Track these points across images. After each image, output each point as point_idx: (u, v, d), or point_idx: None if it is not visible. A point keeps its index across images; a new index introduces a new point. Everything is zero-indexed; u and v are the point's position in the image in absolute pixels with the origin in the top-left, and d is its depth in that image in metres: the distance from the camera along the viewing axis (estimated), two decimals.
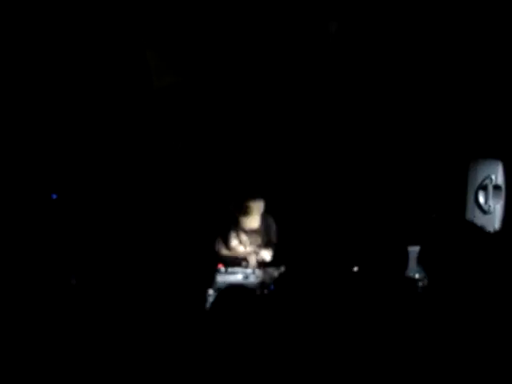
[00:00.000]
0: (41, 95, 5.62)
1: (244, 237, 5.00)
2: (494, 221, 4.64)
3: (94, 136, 5.81)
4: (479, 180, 4.71)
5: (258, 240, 5.00)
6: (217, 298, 2.73)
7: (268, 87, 5.84)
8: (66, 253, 5.02)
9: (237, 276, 4.53)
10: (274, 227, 5.06)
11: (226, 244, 4.96)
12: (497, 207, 4.66)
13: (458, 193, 4.84)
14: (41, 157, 5.71)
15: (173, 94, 5.85)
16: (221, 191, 5.60)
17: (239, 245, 5.00)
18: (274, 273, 4.58)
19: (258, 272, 4.66)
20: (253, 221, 4.86)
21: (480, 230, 2.50)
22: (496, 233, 4.50)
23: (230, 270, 4.70)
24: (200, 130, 5.98)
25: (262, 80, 5.80)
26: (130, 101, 5.79)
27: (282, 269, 4.62)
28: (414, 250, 3.26)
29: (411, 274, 3.24)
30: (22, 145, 5.60)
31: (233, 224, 4.95)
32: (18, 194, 5.53)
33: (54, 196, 5.69)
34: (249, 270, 4.67)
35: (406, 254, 3.44)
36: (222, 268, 4.71)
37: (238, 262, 4.82)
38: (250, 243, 5.01)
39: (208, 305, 3.95)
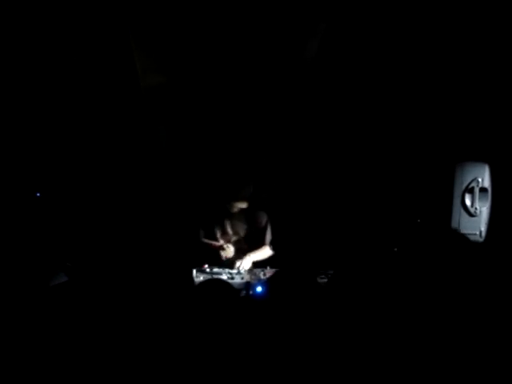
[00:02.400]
0: (23, 95, 5.58)
1: (228, 227, 5.00)
2: (480, 223, 4.64)
3: (76, 133, 5.80)
4: (465, 183, 4.71)
5: (242, 231, 4.99)
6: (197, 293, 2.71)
7: (258, 86, 5.84)
8: (52, 249, 5.02)
9: (221, 276, 4.52)
10: (263, 222, 5.04)
11: (210, 233, 4.96)
12: (483, 210, 4.67)
13: (444, 195, 4.84)
14: (25, 156, 5.68)
15: (159, 92, 5.83)
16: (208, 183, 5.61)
17: (222, 235, 5.00)
18: (260, 274, 4.57)
19: (244, 272, 4.65)
20: (239, 204, 4.88)
21: (462, 236, 2.51)
22: (481, 236, 4.51)
23: (214, 270, 4.69)
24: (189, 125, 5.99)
25: (252, 79, 5.79)
26: (115, 99, 5.76)
27: (268, 270, 4.62)
28: None
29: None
30: (6, 144, 5.57)
31: (218, 212, 4.96)
32: (3, 192, 5.51)
33: (38, 194, 5.70)
34: (234, 271, 4.66)
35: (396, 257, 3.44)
36: (206, 268, 4.70)
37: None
38: (234, 233, 5.00)
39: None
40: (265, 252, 4.96)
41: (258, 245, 4.97)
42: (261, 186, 5.64)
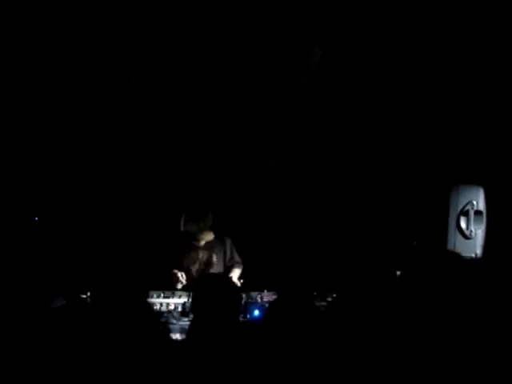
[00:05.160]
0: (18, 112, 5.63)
1: (194, 253, 4.96)
2: (475, 246, 4.66)
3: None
4: (461, 205, 4.73)
5: (210, 259, 4.97)
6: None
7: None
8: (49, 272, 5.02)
9: None
10: (229, 247, 5.03)
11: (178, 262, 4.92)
12: (478, 232, 4.69)
13: (439, 218, 4.87)
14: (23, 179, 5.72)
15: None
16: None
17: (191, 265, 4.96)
18: (257, 297, 4.56)
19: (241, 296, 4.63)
20: (203, 235, 4.84)
21: (459, 258, 2.52)
22: (477, 258, 4.53)
23: None
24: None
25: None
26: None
27: (265, 293, 4.61)
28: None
29: None
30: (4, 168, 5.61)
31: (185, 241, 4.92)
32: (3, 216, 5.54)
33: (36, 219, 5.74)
34: None
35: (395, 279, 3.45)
36: None
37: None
38: (202, 262, 4.97)
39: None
40: (237, 273, 4.98)
41: (228, 269, 4.98)
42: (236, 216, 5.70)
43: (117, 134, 5.89)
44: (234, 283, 3.15)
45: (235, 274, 4.97)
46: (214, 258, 4.96)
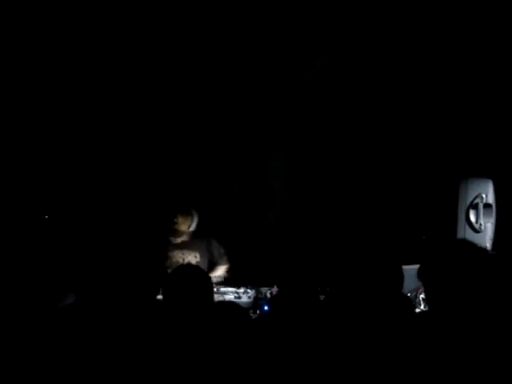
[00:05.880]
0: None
1: (178, 254, 4.97)
2: (485, 239, 4.63)
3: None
4: (470, 199, 4.71)
5: (194, 260, 4.98)
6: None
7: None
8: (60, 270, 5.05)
9: (228, 295, 4.52)
10: (216, 248, 5.05)
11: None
12: (488, 226, 4.66)
13: (448, 211, 4.85)
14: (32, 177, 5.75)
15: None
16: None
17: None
18: (267, 293, 4.57)
19: (251, 291, 4.64)
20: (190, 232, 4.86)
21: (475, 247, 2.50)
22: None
23: (221, 289, 4.69)
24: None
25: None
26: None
27: (275, 289, 4.62)
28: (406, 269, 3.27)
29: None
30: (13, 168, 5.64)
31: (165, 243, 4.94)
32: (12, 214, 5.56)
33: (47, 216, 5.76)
34: (241, 290, 4.65)
35: (401, 273, 3.44)
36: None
37: None
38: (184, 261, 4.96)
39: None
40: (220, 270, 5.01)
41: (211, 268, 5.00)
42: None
43: (124, 131, 5.91)
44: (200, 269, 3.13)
45: (220, 272, 4.98)
46: (199, 259, 4.97)
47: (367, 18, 5.34)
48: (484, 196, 4.68)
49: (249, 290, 4.64)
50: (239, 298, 4.48)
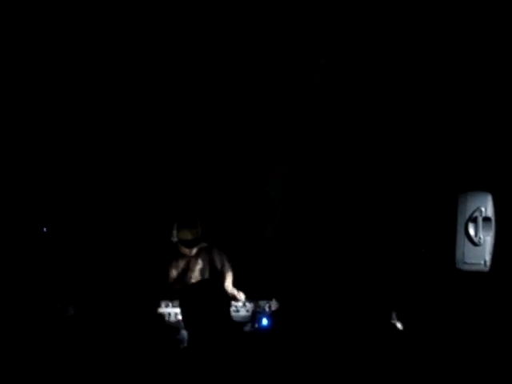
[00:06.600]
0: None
1: (183, 263, 4.95)
2: (484, 253, 4.63)
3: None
4: (469, 212, 4.71)
5: (199, 271, 4.96)
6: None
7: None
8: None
9: None
10: (217, 254, 5.04)
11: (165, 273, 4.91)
12: (487, 239, 4.66)
13: (447, 225, 4.85)
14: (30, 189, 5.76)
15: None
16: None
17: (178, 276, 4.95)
18: (265, 306, 4.56)
19: (249, 305, 4.64)
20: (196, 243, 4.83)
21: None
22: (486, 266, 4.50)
23: None
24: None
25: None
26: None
27: (274, 302, 4.61)
28: None
29: None
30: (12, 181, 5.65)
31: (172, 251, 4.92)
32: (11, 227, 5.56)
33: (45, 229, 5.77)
34: (239, 304, 4.64)
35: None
36: None
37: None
38: (191, 269, 4.96)
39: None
40: (230, 279, 5.00)
41: (220, 276, 5.00)
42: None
43: (120, 139, 5.91)
44: (220, 286, 3.14)
45: (229, 280, 4.98)
46: (203, 266, 4.96)
47: (366, 25, 5.35)
48: (483, 209, 4.67)
49: (247, 304, 4.63)
50: (237, 311, 4.47)
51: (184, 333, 4.12)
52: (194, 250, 4.88)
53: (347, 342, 2.57)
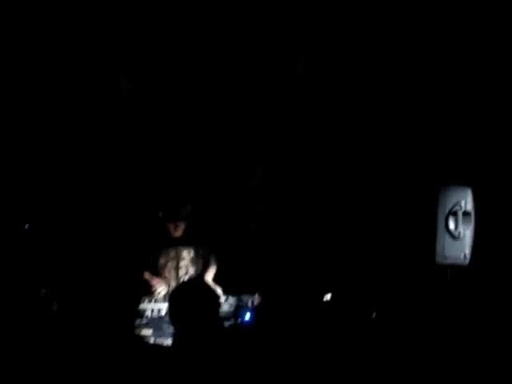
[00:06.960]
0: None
1: (171, 250, 4.90)
2: (464, 247, 4.68)
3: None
4: (449, 206, 4.75)
5: (188, 256, 4.93)
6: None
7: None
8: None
9: None
10: (206, 248, 5.01)
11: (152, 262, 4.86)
12: (467, 233, 4.70)
13: (427, 219, 4.89)
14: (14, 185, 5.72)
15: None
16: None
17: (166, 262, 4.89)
18: (248, 301, 4.56)
19: (232, 299, 4.62)
20: (182, 225, 4.78)
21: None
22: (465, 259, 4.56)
23: None
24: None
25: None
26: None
27: (256, 297, 4.61)
28: None
29: None
30: None
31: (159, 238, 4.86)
32: None
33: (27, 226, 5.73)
34: (222, 298, 4.63)
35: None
36: None
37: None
38: (177, 256, 4.91)
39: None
40: (212, 273, 4.97)
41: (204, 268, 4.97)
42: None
43: (106, 137, 5.89)
44: (209, 287, 3.15)
45: (211, 274, 4.96)
46: (192, 255, 4.93)
47: (350, 22, 5.38)
48: (463, 203, 4.72)
49: (230, 298, 4.63)
50: (220, 306, 4.46)
51: (166, 328, 4.12)
52: (180, 231, 4.82)
53: (330, 336, 2.60)
